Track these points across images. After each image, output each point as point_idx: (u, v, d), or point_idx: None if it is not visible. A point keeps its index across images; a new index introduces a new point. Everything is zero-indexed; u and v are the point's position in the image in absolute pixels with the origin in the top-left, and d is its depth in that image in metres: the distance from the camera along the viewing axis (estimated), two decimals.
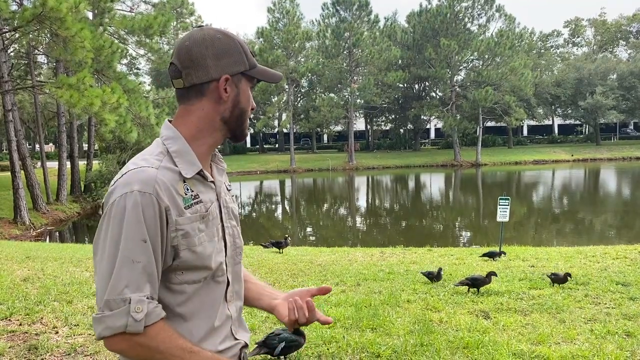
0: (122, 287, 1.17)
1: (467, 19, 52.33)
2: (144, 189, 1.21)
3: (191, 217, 1.28)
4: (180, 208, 1.26)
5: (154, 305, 1.21)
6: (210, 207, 1.34)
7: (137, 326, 1.17)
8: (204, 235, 1.30)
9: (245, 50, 1.37)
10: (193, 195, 1.30)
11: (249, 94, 1.39)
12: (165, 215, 1.23)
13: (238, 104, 1.37)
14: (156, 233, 1.21)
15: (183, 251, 1.26)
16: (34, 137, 46.34)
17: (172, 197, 1.25)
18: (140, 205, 1.20)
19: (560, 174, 41.74)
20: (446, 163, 52.23)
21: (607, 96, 53.96)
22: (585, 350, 3.92)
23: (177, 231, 1.25)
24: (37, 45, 24.78)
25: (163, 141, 1.34)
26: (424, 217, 22.94)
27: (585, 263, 7.85)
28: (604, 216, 20.81)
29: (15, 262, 7.91)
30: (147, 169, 1.25)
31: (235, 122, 1.38)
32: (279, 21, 51.33)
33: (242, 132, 1.41)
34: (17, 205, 18.79)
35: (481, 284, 5.85)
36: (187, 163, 1.31)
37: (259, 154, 64.39)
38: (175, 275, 1.28)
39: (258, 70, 1.39)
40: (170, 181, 1.26)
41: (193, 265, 1.29)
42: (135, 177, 1.23)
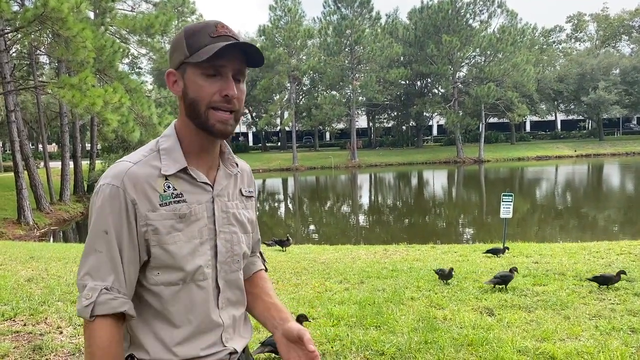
0: (83, 273, 1.23)
1: (468, 15, 52.20)
2: (112, 181, 1.24)
3: (165, 214, 1.27)
4: (153, 203, 1.26)
5: (110, 297, 1.21)
6: (196, 208, 1.31)
7: (84, 312, 1.20)
8: (181, 235, 1.28)
9: (190, 36, 1.28)
10: (175, 193, 1.29)
11: (199, 82, 1.27)
12: (133, 208, 1.24)
13: (186, 95, 1.30)
14: (121, 225, 1.23)
15: (154, 247, 1.26)
16: (36, 138, 46.44)
17: (143, 192, 1.25)
18: (106, 197, 1.24)
19: (563, 170, 41.64)
20: (449, 160, 52.16)
21: (609, 91, 53.79)
22: (590, 347, 3.91)
23: (147, 226, 1.26)
24: (39, 45, 24.80)
25: (159, 139, 1.35)
26: (427, 214, 22.92)
27: (589, 259, 7.83)
28: (608, 212, 20.76)
29: (19, 263, 7.93)
30: (124, 163, 1.28)
31: (192, 115, 1.31)
32: (280, 19, 51.29)
33: (204, 124, 1.29)
34: (20, 205, 18.83)
35: (509, 280, 5.86)
36: (172, 161, 1.30)
37: (262, 152, 64.41)
38: (152, 275, 1.29)
39: (199, 53, 1.25)
40: (145, 176, 1.26)
41: (166, 264, 1.27)
42: (110, 171, 1.27)
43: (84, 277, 1.23)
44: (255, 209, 1.57)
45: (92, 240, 1.24)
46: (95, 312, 1.20)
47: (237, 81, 1.30)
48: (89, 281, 1.22)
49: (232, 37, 1.28)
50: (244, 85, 1.34)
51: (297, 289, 6.17)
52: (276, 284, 6.52)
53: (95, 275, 1.22)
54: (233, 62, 1.28)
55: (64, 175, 24.34)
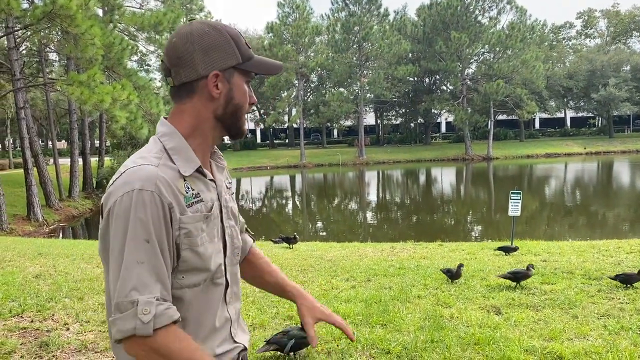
0: (129, 289, 1.13)
1: (477, 12, 51.91)
2: (145, 186, 1.17)
3: (193, 216, 1.24)
4: (182, 206, 1.22)
5: (165, 307, 1.15)
6: (212, 206, 1.30)
7: (146, 329, 1.12)
8: (206, 235, 1.27)
9: (238, 42, 1.30)
10: (194, 193, 1.26)
11: (244, 88, 1.32)
12: (169, 212, 1.19)
13: (231, 100, 1.30)
14: (161, 231, 1.17)
15: (184, 251, 1.23)
16: (46, 134, 46.73)
17: (175, 195, 1.21)
18: (142, 203, 1.16)
19: (572, 167, 41.36)
20: (457, 157, 51.97)
21: (620, 88, 53.35)
22: (598, 347, 3.87)
23: (180, 229, 1.22)
24: (48, 42, 24.96)
25: (159, 138, 1.29)
26: (435, 211, 22.85)
27: (599, 257, 7.76)
28: (618, 210, 20.60)
29: (28, 259, 7.98)
30: (147, 166, 1.20)
31: (229, 119, 1.32)
32: (288, 16, 51.25)
33: (238, 129, 1.35)
34: (30, 202, 18.97)
35: (522, 277, 5.81)
36: (185, 160, 1.26)
37: (269, 149, 64.48)
38: (176, 280, 1.24)
39: (253, 63, 1.31)
40: (171, 179, 1.22)
41: (194, 267, 1.25)
42: (135, 175, 1.19)
43: (130, 293, 1.13)
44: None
45: (132, 253, 1.15)
46: (157, 324, 1.13)
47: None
48: (138, 296, 1.13)
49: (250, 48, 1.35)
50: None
51: (303, 287, 6.13)
52: None
53: (143, 289, 1.14)
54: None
55: (73, 172, 24.49)
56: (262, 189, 36.32)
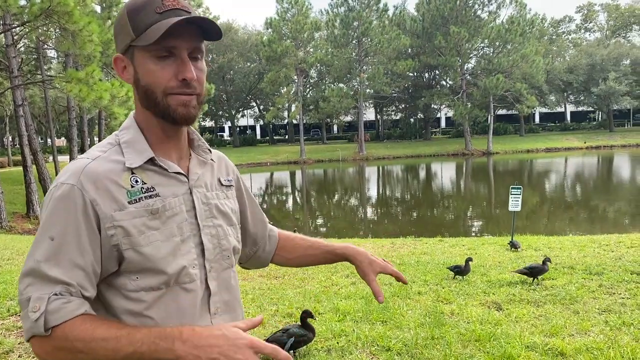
0: (26, 285, 1.05)
1: (477, 6, 51.74)
2: (67, 180, 1.09)
3: (135, 211, 1.12)
4: (119, 202, 1.11)
5: (63, 301, 1.03)
6: (171, 201, 1.17)
7: (37, 328, 1.01)
8: (157, 233, 1.13)
9: (133, 14, 1.13)
10: (145, 187, 1.14)
11: (149, 66, 1.13)
12: (92, 208, 1.09)
13: (138, 82, 1.17)
14: (77, 229, 1.07)
15: (126, 251, 1.11)
16: (45, 132, 46.69)
17: (106, 190, 1.10)
18: (58, 197, 1.08)
19: (572, 162, 41.31)
20: (457, 152, 51.90)
21: (620, 82, 53.27)
22: (599, 342, 3.85)
23: (115, 228, 1.10)
24: (46, 39, 24.86)
25: (118, 132, 1.22)
26: (435, 206, 22.82)
27: (599, 252, 7.73)
28: (618, 204, 20.56)
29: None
30: (81, 160, 1.14)
31: (147, 102, 1.17)
32: (287, 11, 51.11)
33: (164, 113, 1.16)
34: (29, 199, 18.93)
35: (537, 272, 5.78)
36: (135, 152, 1.17)
37: (269, 145, 64.44)
38: (130, 281, 1.13)
39: (146, 34, 1.11)
40: (107, 172, 1.12)
41: (144, 268, 1.12)
42: (66, 169, 1.13)
43: (26, 289, 1.04)
44: (245, 196, 1.50)
45: (33, 250, 1.07)
46: (51, 322, 1.01)
47: (195, 59, 1.16)
48: (31, 293, 1.03)
49: (182, 10, 1.14)
50: (202, 62, 1.19)
51: (303, 283, 6.14)
52: (282, 277, 6.49)
53: (37, 285, 1.04)
54: (187, 39, 1.13)
55: None
56: (262, 185, 36.27)
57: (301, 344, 3.71)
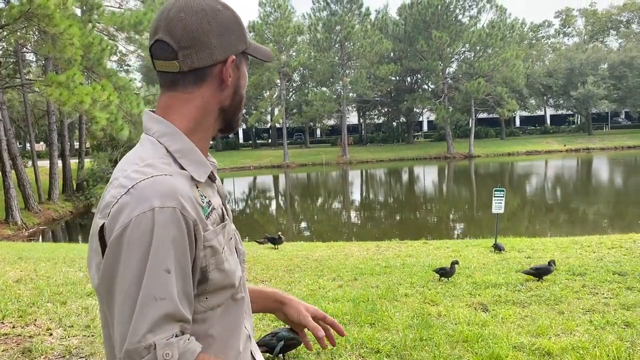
0: (144, 331, 0.91)
1: (458, 11, 52.28)
2: (166, 203, 0.95)
3: (214, 230, 1.06)
4: (203, 220, 1.03)
5: (186, 342, 0.95)
6: (222, 213, 1.13)
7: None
8: (227, 248, 1.09)
9: (243, 25, 1.17)
10: (208, 201, 1.07)
11: (246, 78, 1.19)
12: (194, 231, 0.99)
13: (239, 89, 1.16)
14: (185, 257, 0.97)
15: (212, 272, 1.04)
16: (24, 136, 45.96)
17: (196, 209, 1.01)
18: (164, 225, 0.94)
19: (553, 165, 41.89)
20: (439, 155, 52.28)
21: (598, 86, 54.16)
22: (585, 342, 3.90)
23: (205, 249, 1.02)
24: (25, 43, 24.50)
25: (158, 139, 1.07)
26: (418, 210, 22.95)
27: (582, 253, 7.85)
28: (598, 206, 20.89)
29: (8, 264, 7.82)
30: (162, 177, 0.99)
31: (233, 110, 1.17)
32: (270, 15, 51.11)
33: (237, 122, 1.20)
34: (8, 205, 18.62)
35: (544, 272, 5.86)
36: (196, 164, 1.08)
37: (252, 149, 64.24)
38: (200, 303, 1.05)
39: (255, 47, 1.18)
40: (190, 188, 1.02)
41: (220, 286, 1.07)
42: (150, 189, 0.96)
43: (146, 336, 0.91)
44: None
45: (150, 287, 0.92)
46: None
47: None
48: (153, 339, 0.91)
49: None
50: None
51: (290, 287, 6.13)
52: (269, 282, 6.47)
53: (159, 329, 0.92)
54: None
55: (52, 174, 24.10)
56: (245, 190, 36.14)
57: (291, 348, 3.70)
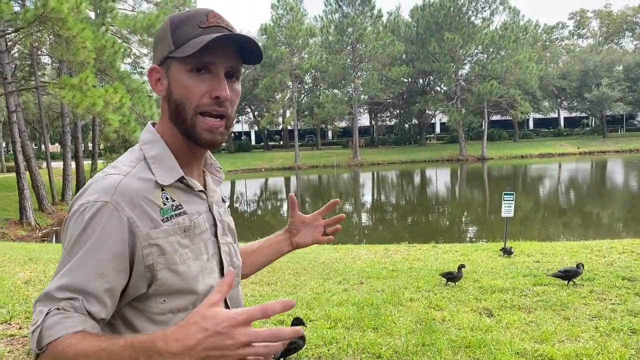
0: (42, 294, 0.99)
1: (470, 12, 52.02)
2: (101, 197, 1.02)
3: (169, 229, 1.08)
4: (154, 220, 1.07)
5: (62, 316, 0.94)
6: (197, 219, 1.15)
7: (33, 344, 0.94)
8: (188, 251, 1.10)
9: (174, 27, 1.11)
10: (174, 205, 1.11)
11: (184, 81, 1.10)
12: (127, 226, 1.03)
13: (171, 95, 1.13)
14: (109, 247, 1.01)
15: (161, 271, 1.06)
16: (39, 138, 46.53)
17: (141, 208, 1.05)
18: (92, 217, 1.01)
19: (566, 167, 41.49)
20: (452, 157, 52.02)
21: (613, 88, 53.58)
22: (589, 349, 3.86)
23: (151, 247, 1.05)
24: (40, 46, 24.83)
25: (141, 146, 1.16)
26: (429, 212, 22.85)
27: (591, 258, 7.76)
28: (611, 209, 20.64)
29: (18, 265, 7.91)
30: (111, 176, 1.07)
31: (177, 120, 1.13)
32: (282, 17, 51.23)
33: (190, 132, 1.12)
34: (22, 206, 18.84)
35: (572, 274, 5.84)
36: (165, 169, 1.12)
37: (264, 151, 64.45)
38: (157, 304, 1.08)
39: (186, 46, 1.08)
40: (140, 190, 1.07)
41: (176, 289, 1.08)
42: (96, 186, 1.06)
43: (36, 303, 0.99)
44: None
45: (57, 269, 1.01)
46: (46, 338, 0.93)
47: (231, 79, 1.13)
48: (39, 304, 0.98)
49: (225, 28, 1.11)
50: (238, 84, 1.16)
51: (295, 290, 6.14)
52: (275, 285, 6.48)
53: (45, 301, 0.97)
54: (226, 57, 1.11)
55: (65, 176, 24.37)
56: (256, 191, 36.24)
57: (291, 352, 3.70)
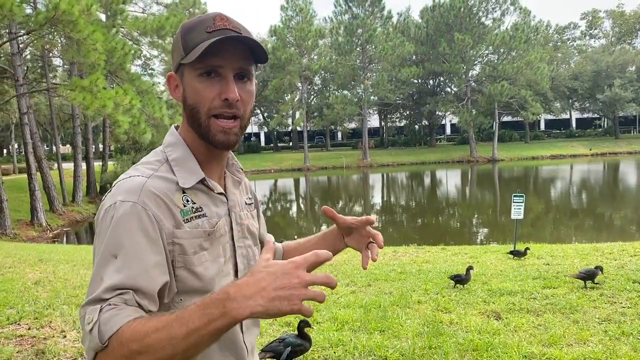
0: (86, 300, 1.00)
1: (481, 13, 51.83)
2: (127, 198, 1.06)
3: (191, 231, 1.12)
4: (177, 220, 1.10)
5: (115, 310, 0.96)
6: (218, 222, 1.18)
7: (93, 341, 0.94)
8: (207, 254, 1.14)
9: (185, 34, 1.15)
10: (194, 207, 1.14)
11: (194, 85, 1.14)
12: (156, 224, 1.06)
13: (186, 100, 1.17)
14: (140, 245, 1.03)
15: (178, 269, 1.10)
16: (50, 139, 46.94)
17: (165, 207, 1.09)
18: (119, 216, 1.04)
19: (578, 169, 41.16)
20: (462, 159, 51.81)
21: (625, 88, 53.11)
22: (598, 353, 3.82)
23: (174, 245, 1.10)
24: (51, 48, 25.05)
25: (164, 149, 1.20)
26: (439, 214, 22.75)
27: (602, 260, 7.68)
28: (624, 211, 20.44)
29: (28, 265, 7.98)
30: (135, 178, 1.11)
31: (192, 122, 1.17)
32: (292, 19, 51.32)
33: (205, 135, 1.16)
34: (33, 207, 19.01)
35: (593, 275, 5.81)
36: (187, 171, 1.16)
37: (273, 152, 64.53)
38: (174, 302, 1.11)
39: (195, 51, 1.11)
40: (163, 190, 1.10)
41: (192, 289, 1.11)
42: (121, 187, 1.09)
43: (84, 307, 1.00)
44: (260, 214, 1.49)
45: (98, 269, 1.03)
46: (106, 332, 0.93)
47: (242, 80, 1.16)
48: (87, 307, 0.99)
49: (232, 30, 1.13)
50: (250, 84, 1.18)
51: None
52: None
53: (93, 300, 0.99)
54: (233, 59, 1.13)
55: (76, 177, 24.57)
56: (266, 192, 36.30)
57: (298, 354, 3.69)
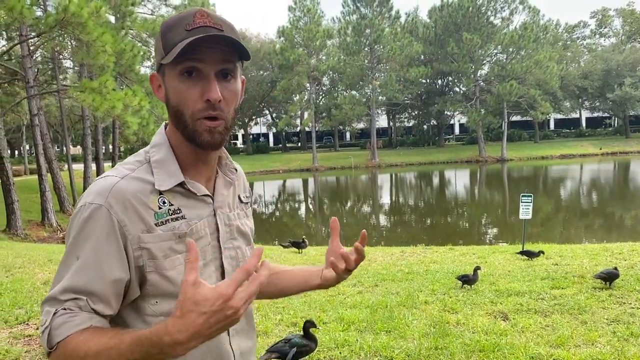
0: (46, 297, 1.02)
1: (489, 12, 51.60)
2: (94, 200, 1.05)
3: (162, 234, 1.08)
4: (147, 223, 1.07)
5: (69, 316, 0.98)
6: (197, 225, 1.14)
7: (44, 343, 0.98)
8: (181, 257, 1.09)
9: (165, 33, 1.10)
10: (172, 209, 1.10)
11: (176, 85, 1.09)
12: (119, 230, 1.04)
13: (169, 101, 1.12)
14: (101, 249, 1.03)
15: (150, 274, 1.07)
16: (61, 140, 47.29)
17: (134, 210, 1.06)
18: (86, 218, 1.04)
19: (588, 168, 40.85)
20: (471, 159, 51.61)
21: (636, 87, 52.67)
22: (606, 354, 3.79)
23: (141, 250, 1.07)
24: (61, 50, 25.23)
25: (149, 149, 1.16)
26: (447, 214, 22.67)
27: (612, 261, 7.62)
28: (634, 211, 20.26)
29: (37, 266, 8.04)
30: (109, 178, 1.09)
31: (177, 123, 1.12)
32: (300, 19, 51.37)
33: (190, 136, 1.11)
34: (44, 207, 19.14)
35: (614, 276, 5.81)
36: (166, 174, 1.12)
37: (282, 152, 64.62)
38: (149, 305, 1.09)
39: (173, 52, 1.06)
40: (134, 192, 1.07)
41: (167, 292, 1.08)
42: (93, 187, 1.08)
43: (43, 306, 1.03)
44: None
45: (59, 274, 1.04)
46: (56, 337, 0.96)
47: (225, 78, 1.10)
48: (46, 305, 1.02)
49: (212, 27, 1.06)
50: (235, 83, 1.12)
51: (309, 292, 6.13)
52: None
53: (52, 301, 1.01)
54: (214, 57, 1.07)
55: (86, 178, 24.73)
56: (274, 193, 36.35)
57: (303, 354, 3.70)
